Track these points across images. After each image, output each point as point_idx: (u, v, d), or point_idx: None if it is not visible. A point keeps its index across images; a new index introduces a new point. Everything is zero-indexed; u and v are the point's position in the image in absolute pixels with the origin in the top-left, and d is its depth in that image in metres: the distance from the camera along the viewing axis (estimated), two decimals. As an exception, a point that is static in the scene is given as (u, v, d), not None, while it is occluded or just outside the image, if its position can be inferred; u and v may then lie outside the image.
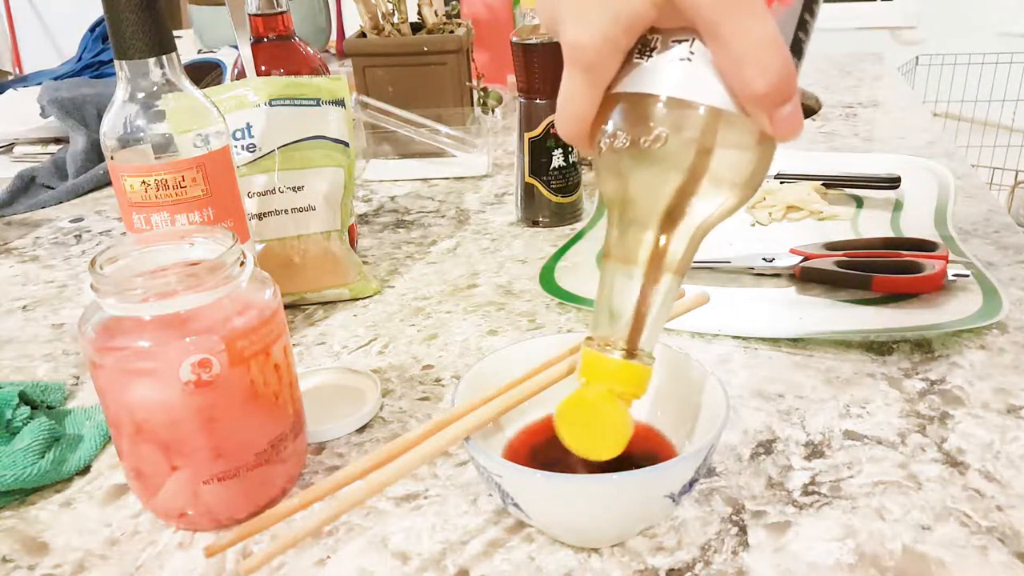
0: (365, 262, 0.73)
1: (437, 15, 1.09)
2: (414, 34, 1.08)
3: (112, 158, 0.49)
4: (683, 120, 0.31)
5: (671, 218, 0.32)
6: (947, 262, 0.59)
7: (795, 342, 0.55)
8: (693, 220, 0.32)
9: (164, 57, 0.47)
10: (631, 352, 0.33)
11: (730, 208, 0.33)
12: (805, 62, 0.33)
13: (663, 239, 0.32)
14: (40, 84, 1.18)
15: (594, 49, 0.31)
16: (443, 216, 0.83)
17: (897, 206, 0.77)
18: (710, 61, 0.30)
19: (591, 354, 0.34)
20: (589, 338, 0.34)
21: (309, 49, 0.69)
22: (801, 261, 0.63)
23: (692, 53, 0.31)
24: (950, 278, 0.59)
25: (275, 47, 0.67)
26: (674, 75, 0.31)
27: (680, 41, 0.31)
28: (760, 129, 0.31)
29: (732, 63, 0.30)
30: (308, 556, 0.39)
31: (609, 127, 0.32)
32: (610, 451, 0.35)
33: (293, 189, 0.62)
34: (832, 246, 0.65)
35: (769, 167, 0.33)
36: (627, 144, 0.32)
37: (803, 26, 0.32)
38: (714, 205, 0.32)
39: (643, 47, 0.32)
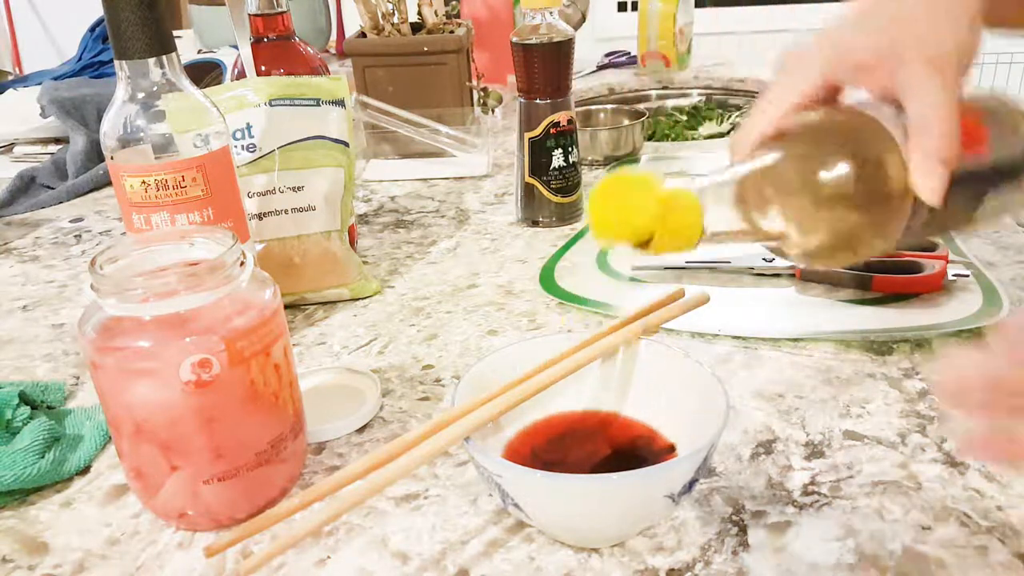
0: (365, 262, 0.73)
1: (437, 15, 1.09)
2: (414, 34, 1.08)
3: (112, 158, 0.49)
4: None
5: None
6: (947, 262, 0.59)
7: (795, 342, 0.55)
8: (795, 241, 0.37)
9: (164, 57, 0.47)
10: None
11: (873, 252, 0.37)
12: None
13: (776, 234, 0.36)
14: (40, 84, 1.18)
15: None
16: (443, 216, 0.83)
17: (897, 206, 0.77)
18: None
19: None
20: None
21: (309, 49, 0.69)
22: (801, 261, 0.63)
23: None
24: (950, 278, 0.59)
25: (275, 47, 0.67)
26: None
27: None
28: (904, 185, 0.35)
29: (921, 116, 0.35)
30: (308, 556, 0.39)
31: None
32: (637, 231, 0.35)
33: (293, 189, 0.62)
34: (832, 246, 0.65)
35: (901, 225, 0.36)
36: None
37: (986, 188, 0.39)
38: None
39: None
